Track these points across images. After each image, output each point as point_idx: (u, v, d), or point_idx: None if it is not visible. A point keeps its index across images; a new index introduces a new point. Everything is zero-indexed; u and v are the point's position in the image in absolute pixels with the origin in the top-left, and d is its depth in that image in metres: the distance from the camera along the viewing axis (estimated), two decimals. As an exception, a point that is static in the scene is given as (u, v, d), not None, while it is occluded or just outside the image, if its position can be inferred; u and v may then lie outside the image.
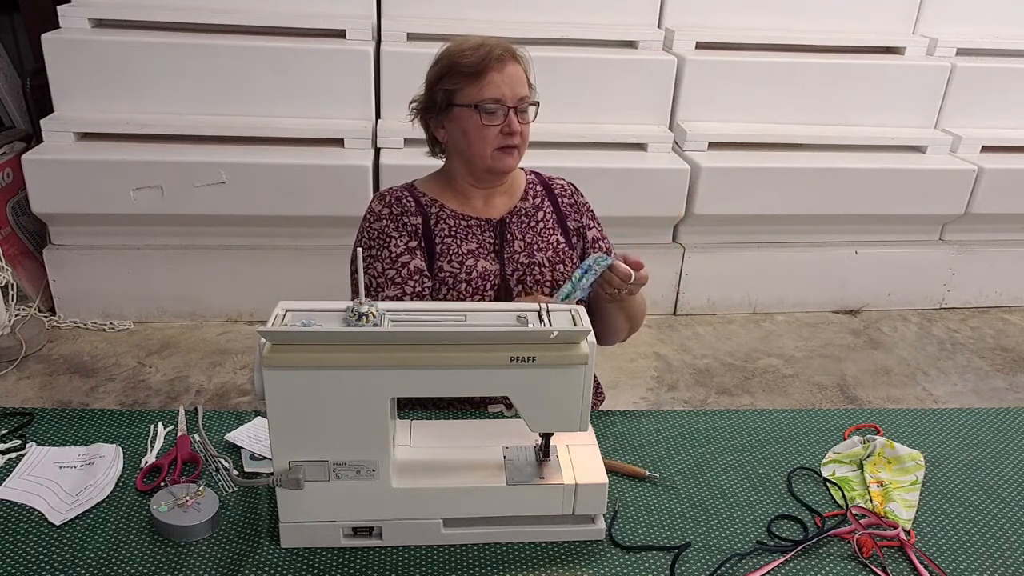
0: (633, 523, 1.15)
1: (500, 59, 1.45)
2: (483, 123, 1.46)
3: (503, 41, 1.49)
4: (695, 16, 3.33)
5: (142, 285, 3.00)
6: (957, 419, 1.46)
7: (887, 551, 1.11)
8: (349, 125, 3.00)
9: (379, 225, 1.53)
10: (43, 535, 1.08)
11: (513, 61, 1.48)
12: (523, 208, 1.59)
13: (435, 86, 1.51)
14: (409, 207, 1.54)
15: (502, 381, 1.03)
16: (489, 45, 1.46)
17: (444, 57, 1.50)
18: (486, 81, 1.45)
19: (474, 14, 3.18)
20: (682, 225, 3.27)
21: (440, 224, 1.53)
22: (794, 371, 2.94)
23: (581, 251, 1.62)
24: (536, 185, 1.64)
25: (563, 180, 1.69)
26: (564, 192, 1.65)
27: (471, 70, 1.45)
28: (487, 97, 1.45)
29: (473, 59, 1.45)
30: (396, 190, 1.59)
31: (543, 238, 1.58)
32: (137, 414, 1.36)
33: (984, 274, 3.51)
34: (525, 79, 1.50)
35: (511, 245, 1.54)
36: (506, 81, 1.45)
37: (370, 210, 1.57)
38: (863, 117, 3.35)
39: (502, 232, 1.55)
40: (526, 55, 1.52)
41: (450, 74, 1.48)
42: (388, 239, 1.51)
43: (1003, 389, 2.91)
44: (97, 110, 2.94)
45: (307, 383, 0.99)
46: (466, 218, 1.55)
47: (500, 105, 1.45)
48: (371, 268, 1.50)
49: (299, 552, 1.07)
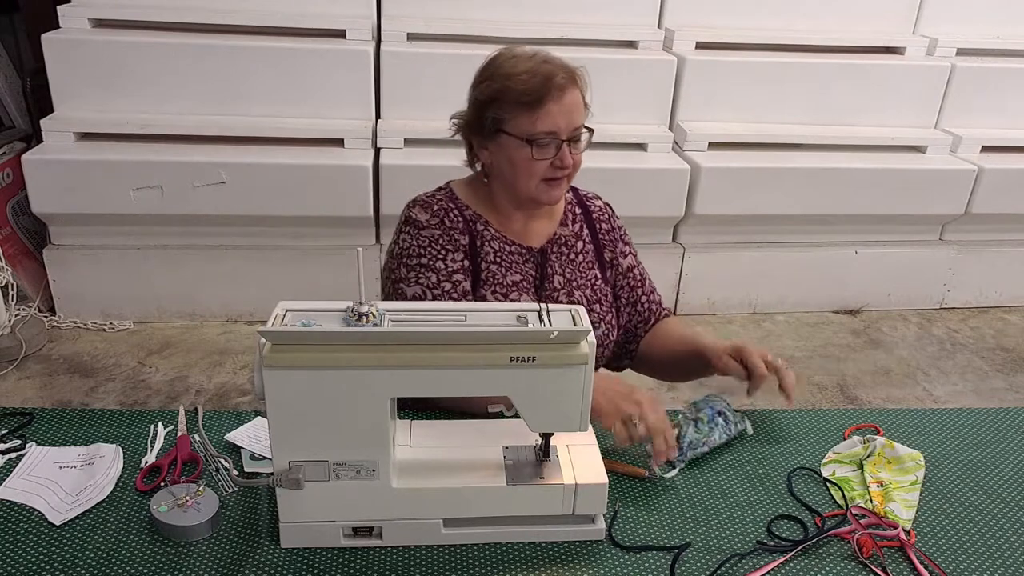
0: (633, 523, 1.15)
1: (560, 88, 1.32)
2: (533, 157, 1.35)
3: (562, 62, 1.36)
4: (695, 16, 3.33)
5: (142, 285, 3.00)
6: (957, 419, 1.46)
7: (887, 551, 1.11)
8: (349, 125, 3.00)
9: (430, 234, 1.42)
10: (43, 535, 1.08)
11: (573, 87, 1.35)
12: (563, 237, 1.52)
13: (484, 109, 1.38)
14: (457, 223, 1.44)
15: (502, 381, 1.03)
16: (549, 71, 1.32)
17: (496, 77, 1.36)
18: (542, 112, 1.32)
19: (474, 14, 3.17)
20: (682, 225, 3.27)
21: (485, 247, 1.45)
22: (794, 371, 2.94)
23: (614, 282, 1.58)
24: (575, 206, 1.56)
25: (600, 200, 1.61)
26: (602, 215, 1.58)
27: (527, 99, 1.32)
28: (541, 131, 1.33)
29: (530, 86, 1.32)
30: (440, 200, 1.47)
31: (582, 273, 1.52)
32: (137, 414, 1.36)
33: (984, 274, 3.51)
34: (582, 104, 1.37)
35: (551, 281, 1.48)
36: (563, 111, 1.33)
37: (414, 220, 1.44)
38: (863, 117, 3.35)
39: (543, 264, 1.49)
40: (584, 74, 1.39)
41: (502, 100, 1.35)
42: (445, 251, 1.42)
43: (1003, 389, 2.91)
44: (97, 110, 2.94)
45: (307, 383, 0.99)
46: (509, 242, 1.47)
47: (554, 138, 1.34)
48: (423, 278, 1.41)
49: (299, 552, 1.07)
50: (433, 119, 3.03)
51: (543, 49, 1.39)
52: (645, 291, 1.61)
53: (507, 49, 1.41)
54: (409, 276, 1.42)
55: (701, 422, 1.30)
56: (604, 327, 1.54)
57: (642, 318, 1.60)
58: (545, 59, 1.36)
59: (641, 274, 1.61)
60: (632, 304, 1.60)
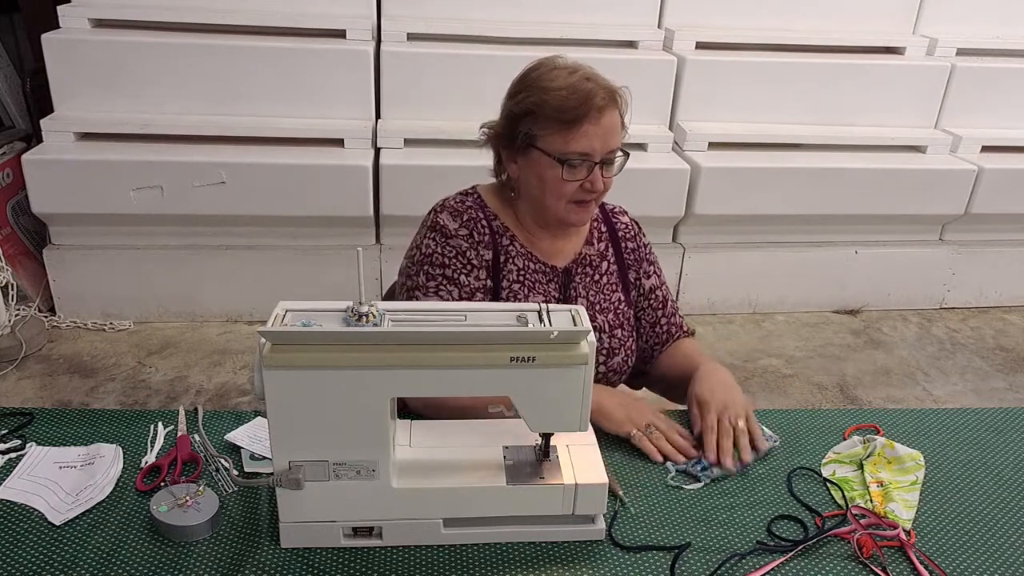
0: (633, 523, 1.15)
1: (600, 109, 1.28)
2: (563, 178, 1.31)
3: (605, 81, 1.31)
4: (695, 16, 3.33)
5: (142, 285, 3.00)
6: (957, 419, 1.46)
7: (887, 551, 1.11)
8: (349, 125, 3.00)
9: (457, 244, 1.38)
10: (43, 535, 1.08)
11: (612, 108, 1.30)
12: (588, 256, 1.48)
13: (517, 122, 1.33)
14: (483, 236, 1.40)
15: (502, 381, 1.03)
16: (589, 90, 1.27)
17: (533, 90, 1.31)
18: (579, 133, 1.28)
19: (474, 14, 3.17)
20: (682, 225, 3.27)
21: (509, 264, 1.41)
22: (794, 371, 2.94)
23: (636, 304, 1.55)
24: (601, 224, 1.52)
25: (627, 216, 1.57)
26: (627, 233, 1.54)
27: (564, 117, 1.28)
28: (574, 151, 1.29)
29: (568, 104, 1.27)
30: (470, 207, 1.42)
31: (605, 296, 1.48)
32: (137, 414, 1.36)
33: (984, 274, 3.51)
34: (619, 125, 1.33)
35: (574, 303, 1.44)
36: (600, 133, 1.29)
37: (442, 226, 1.40)
38: (863, 117, 3.35)
39: (567, 284, 1.46)
40: (625, 94, 1.35)
41: (538, 115, 1.30)
42: (470, 267, 1.38)
43: (1003, 389, 2.91)
44: (97, 110, 2.94)
45: (307, 383, 0.99)
46: (534, 260, 1.43)
47: (587, 160, 1.30)
48: (443, 290, 1.37)
49: (299, 552, 1.07)
50: (433, 119, 3.04)
51: (586, 65, 1.34)
52: (666, 313, 1.58)
53: (549, 60, 1.36)
54: (428, 285, 1.39)
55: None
56: (624, 353, 1.50)
57: (659, 340, 1.57)
58: (587, 76, 1.31)
59: (663, 296, 1.57)
60: (651, 325, 1.57)
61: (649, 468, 1.26)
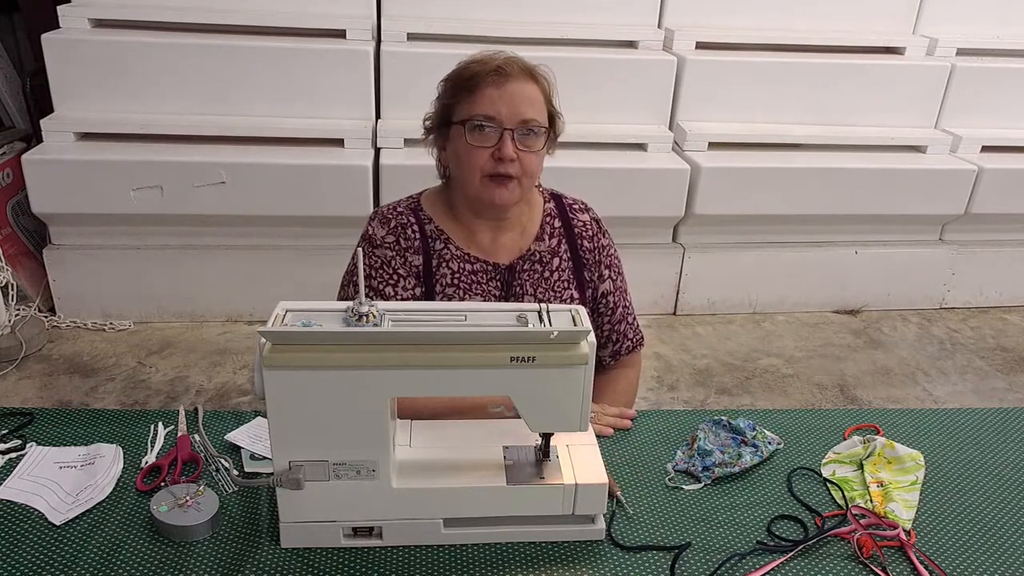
0: (633, 523, 1.15)
1: (499, 72, 1.29)
2: (469, 143, 1.30)
3: (521, 59, 1.33)
4: (695, 16, 3.33)
5: (142, 285, 3.00)
6: (957, 419, 1.46)
7: (887, 551, 1.11)
8: (349, 125, 3.00)
9: (383, 254, 1.39)
10: (43, 535, 1.08)
11: (522, 79, 1.31)
12: (537, 252, 1.43)
13: (442, 107, 1.39)
14: (413, 241, 1.40)
15: (502, 381, 1.03)
16: (497, 61, 1.31)
17: (452, 73, 1.38)
18: (481, 96, 1.30)
19: (474, 14, 3.17)
20: (682, 225, 3.27)
21: (443, 267, 1.40)
22: (794, 371, 2.94)
23: (592, 306, 1.49)
24: (554, 220, 1.47)
25: (587, 214, 1.51)
26: (585, 231, 1.48)
27: (467, 83, 1.31)
28: (477, 113, 1.30)
29: (472, 70, 1.31)
30: (400, 212, 1.43)
31: (556, 293, 1.43)
32: (137, 414, 1.36)
33: (984, 274, 3.51)
34: (538, 101, 1.33)
35: (518, 299, 1.41)
36: (504, 98, 1.29)
37: (371, 234, 1.41)
38: (863, 117, 3.35)
39: (510, 282, 1.42)
40: (546, 75, 1.36)
41: (451, 87, 1.35)
42: (396, 277, 1.38)
43: (1003, 389, 2.91)
44: (97, 110, 2.94)
45: (307, 383, 0.99)
46: (471, 260, 1.41)
47: (493, 124, 1.30)
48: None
49: (299, 552, 1.07)
50: (433, 119, 3.03)
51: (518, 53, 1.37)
52: (612, 320, 1.52)
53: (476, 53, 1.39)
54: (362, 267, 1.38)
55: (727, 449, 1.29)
56: None
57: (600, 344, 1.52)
58: (504, 55, 1.34)
59: (615, 302, 1.52)
60: (597, 329, 1.51)
61: (649, 468, 1.26)
